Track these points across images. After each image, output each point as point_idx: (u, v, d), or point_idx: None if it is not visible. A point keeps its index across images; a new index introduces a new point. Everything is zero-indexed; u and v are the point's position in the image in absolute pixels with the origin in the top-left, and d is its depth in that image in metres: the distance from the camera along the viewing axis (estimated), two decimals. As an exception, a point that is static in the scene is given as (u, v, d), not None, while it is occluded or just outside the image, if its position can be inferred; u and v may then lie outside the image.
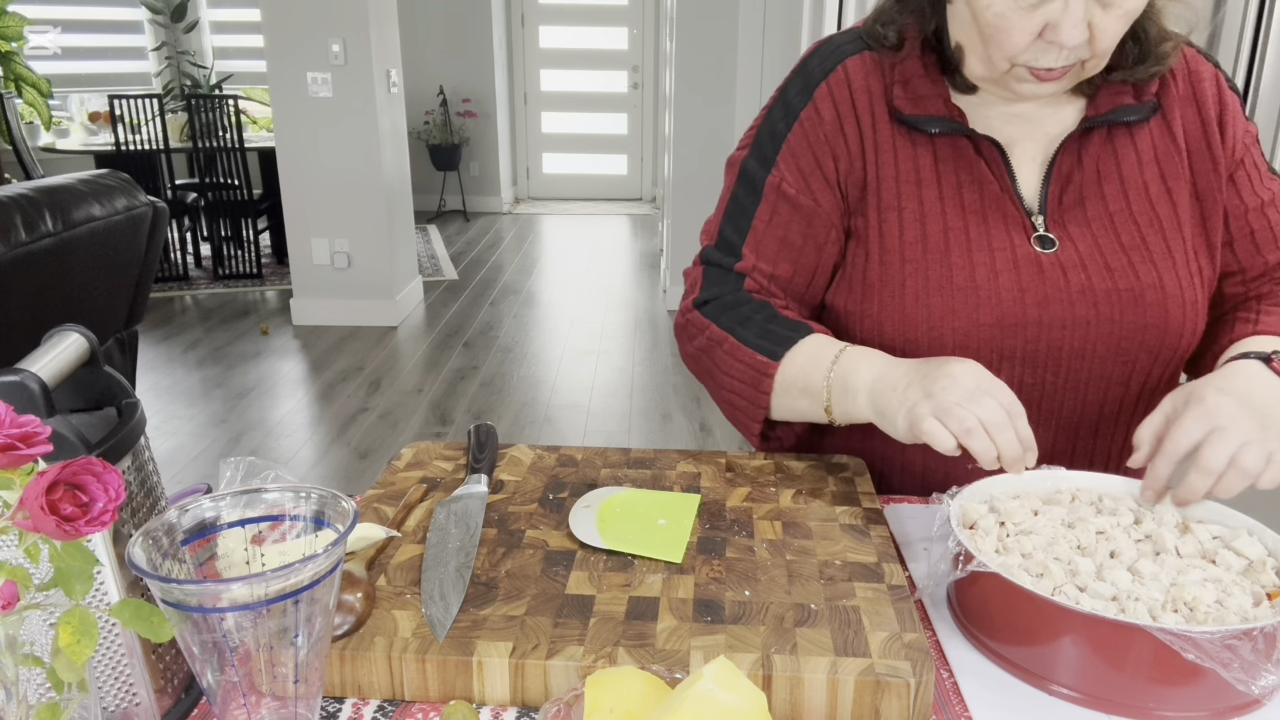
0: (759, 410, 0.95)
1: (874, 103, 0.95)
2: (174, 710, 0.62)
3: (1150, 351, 0.92)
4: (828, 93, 0.95)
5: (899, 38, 0.94)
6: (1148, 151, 0.94)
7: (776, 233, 0.97)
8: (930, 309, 0.91)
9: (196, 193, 5.48)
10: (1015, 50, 0.83)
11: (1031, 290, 0.90)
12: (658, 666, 0.62)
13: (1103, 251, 0.91)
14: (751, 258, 0.98)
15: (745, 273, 0.98)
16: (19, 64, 5.91)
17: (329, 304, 4.82)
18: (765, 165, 0.98)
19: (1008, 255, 0.91)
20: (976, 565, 0.68)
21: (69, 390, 0.61)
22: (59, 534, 0.44)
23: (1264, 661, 0.60)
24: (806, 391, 0.91)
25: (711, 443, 3.47)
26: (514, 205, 8.42)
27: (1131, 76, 0.92)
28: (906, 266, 0.93)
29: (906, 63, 0.94)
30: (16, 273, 1.78)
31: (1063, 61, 0.83)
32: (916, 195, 0.93)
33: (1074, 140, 0.93)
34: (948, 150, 0.94)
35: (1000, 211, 0.93)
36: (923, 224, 0.93)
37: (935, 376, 0.80)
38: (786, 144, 0.97)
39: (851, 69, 0.95)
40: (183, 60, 7.14)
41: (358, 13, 4.36)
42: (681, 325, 1.02)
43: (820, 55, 0.98)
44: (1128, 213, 0.92)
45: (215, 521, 0.56)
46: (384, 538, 0.78)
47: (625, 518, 0.82)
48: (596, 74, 8.23)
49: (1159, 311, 0.91)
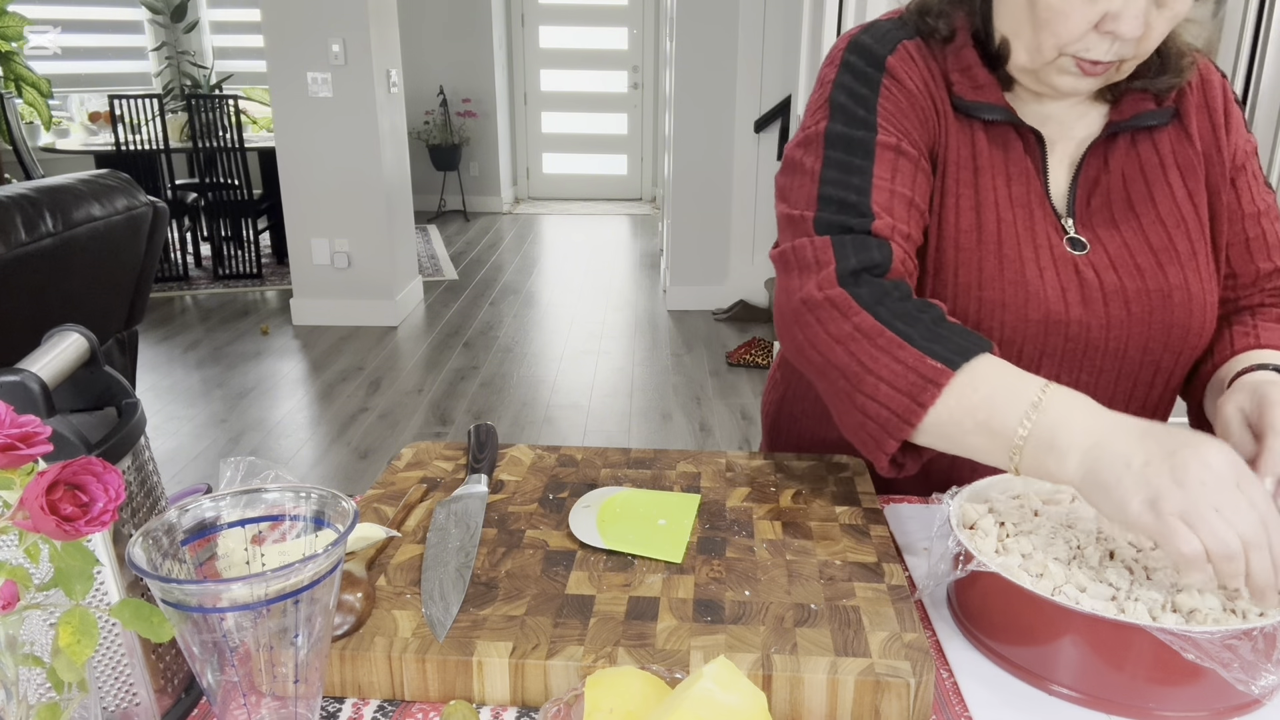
0: (906, 427, 0.78)
1: (935, 85, 0.93)
2: (174, 710, 0.62)
3: (1174, 352, 0.93)
4: (899, 64, 0.92)
5: (950, 29, 0.94)
6: (1169, 156, 0.95)
7: (902, 191, 0.88)
8: (981, 301, 0.90)
9: (196, 193, 5.48)
10: (1070, 38, 0.83)
11: (1072, 290, 0.91)
12: (658, 666, 0.62)
13: (1132, 253, 0.92)
14: (887, 217, 0.86)
15: (887, 236, 0.85)
16: (19, 64, 5.91)
17: (329, 304, 4.82)
18: (866, 127, 0.90)
19: (1049, 253, 0.91)
20: (976, 565, 0.68)
21: (69, 390, 0.61)
22: (59, 534, 0.44)
23: (1264, 661, 0.60)
24: (987, 428, 0.74)
25: (711, 443, 3.47)
26: (514, 205, 8.41)
27: (1152, 86, 0.93)
28: (960, 255, 0.92)
29: (963, 51, 0.93)
30: (16, 273, 1.78)
31: (1112, 56, 0.83)
32: (973, 182, 0.93)
33: (1100, 145, 0.95)
34: (999, 141, 0.94)
35: (1042, 209, 0.93)
36: (978, 212, 0.92)
37: (1186, 460, 0.64)
38: (880, 107, 0.90)
39: (911, 50, 0.94)
40: (183, 60, 7.14)
41: (358, 13, 4.36)
42: (817, 303, 0.84)
43: (872, 35, 0.95)
44: (1154, 215, 0.94)
45: (215, 521, 0.56)
46: (384, 538, 0.78)
47: (625, 518, 0.82)
48: (596, 74, 8.23)
49: (1184, 313, 0.92)
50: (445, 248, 6.73)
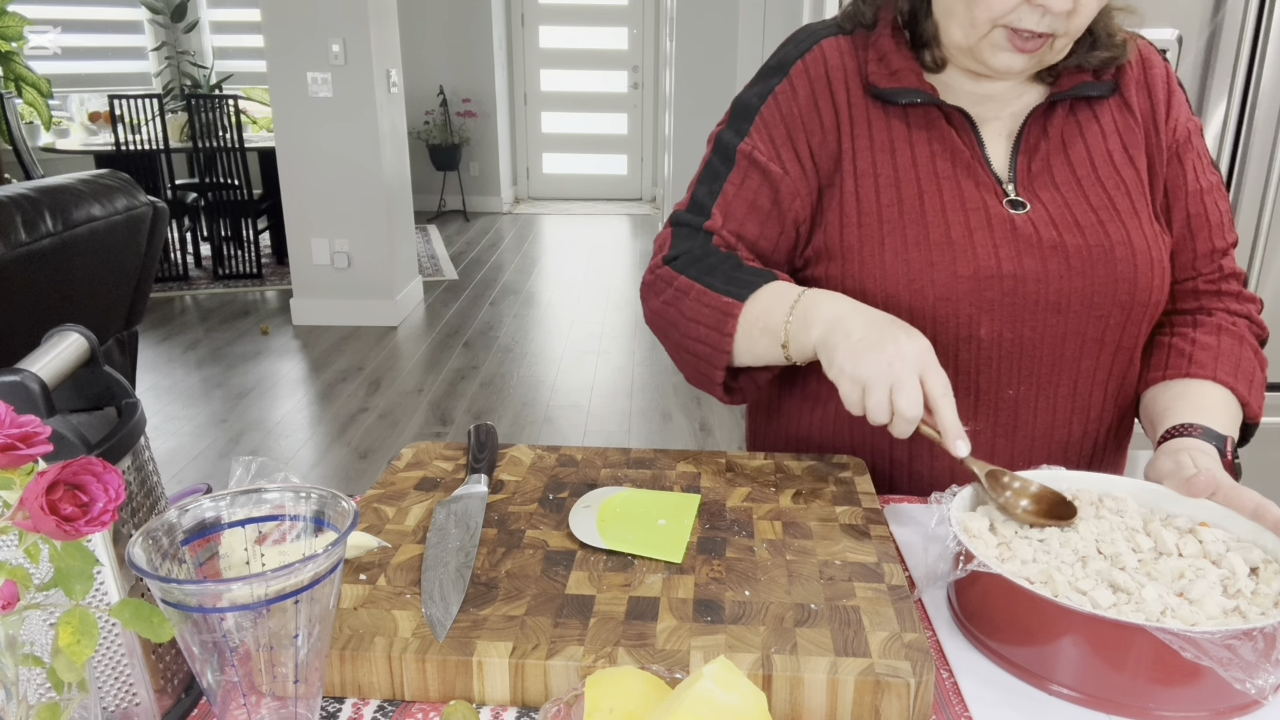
0: (722, 355, 0.94)
1: (849, 79, 0.99)
2: (174, 710, 0.62)
3: (1123, 307, 0.95)
4: (803, 69, 1.00)
5: (874, 16, 1.00)
6: (1109, 124, 0.99)
7: (746, 196, 1.00)
8: (910, 264, 0.94)
9: (196, 193, 5.48)
10: (1001, 10, 0.87)
11: (1005, 245, 0.94)
12: (658, 666, 0.62)
13: (1072, 211, 0.95)
14: (720, 217, 1.00)
15: (714, 230, 1.00)
16: (19, 64, 5.90)
17: (329, 304, 4.82)
18: (739, 134, 1.01)
19: (981, 214, 0.95)
20: (976, 565, 0.68)
21: (69, 390, 0.61)
22: (59, 534, 0.44)
23: (1264, 661, 0.60)
24: (767, 330, 0.91)
25: (711, 443, 3.47)
26: (514, 205, 8.42)
27: (1087, 62, 0.97)
28: (884, 227, 0.96)
29: (880, 40, 0.99)
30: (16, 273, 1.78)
31: (1043, 28, 0.87)
32: (891, 162, 0.97)
33: (1040, 114, 0.98)
34: (920, 122, 0.98)
35: (972, 178, 0.96)
36: (898, 188, 0.96)
37: (886, 340, 0.82)
38: (760, 116, 1.00)
39: (827, 49, 1.00)
40: (183, 60, 7.14)
41: (358, 13, 4.36)
42: (649, 283, 1.02)
43: (796, 39, 1.03)
44: (1094, 177, 0.97)
45: (215, 521, 0.56)
46: (375, 547, 0.77)
47: (625, 518, 0.82)
48: (596, 74, 8.23)
49: (1128, 267, 0.94)
50: (445, 248, 6.73)
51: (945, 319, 0.94)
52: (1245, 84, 1.75)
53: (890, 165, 0.97)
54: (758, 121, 1.00)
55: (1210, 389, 0.95)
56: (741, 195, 1.00)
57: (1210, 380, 0.95)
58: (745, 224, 1.00)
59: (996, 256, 0.93)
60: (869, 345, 0.82)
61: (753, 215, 1.00)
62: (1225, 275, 1.02)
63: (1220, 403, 0.94)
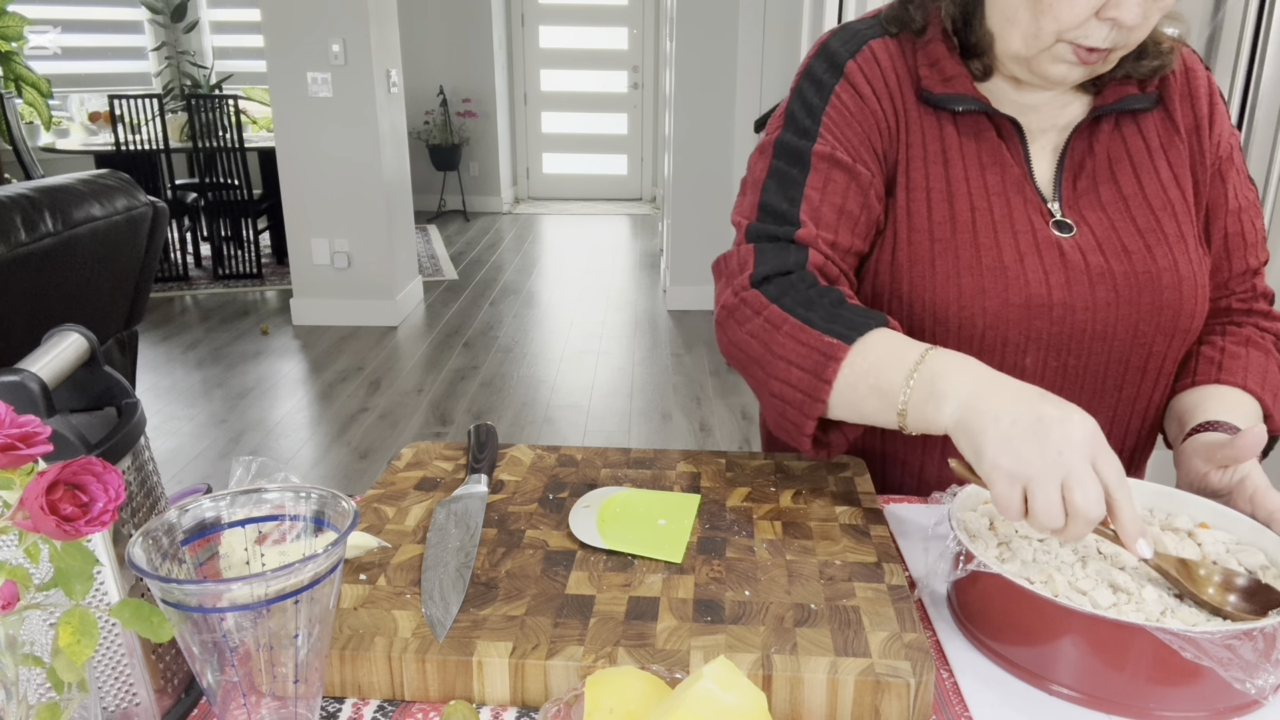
0: (816, 404, 0.83)
1: (901, 83, 0.95)
2: (174, 710, 0.62)
3: (1165, 334, 0.93)
4: (858, 69, 0.95)
5: (924, 21, 0.95)
6: (1154, 139, 0.96)
7: (834, 200, 0.92)
8: (961, 289, 0.91)
9: (196, 193, 5.48)
10: (1071, 24, 0.83)
11: (1055, 272, 0.91)
12: (658, 666, 0.62)
13: (1119, 235, 0.93)
14: (812, 226, 0.90)
15: (808, 243, 0.90)
16: (19, 64, 5.90)
17: (329, 304, 4.82)
18: (808, 137, 0.94)
19: (1030, 238, 0.92)
20: (976, 565, 0.68)
21: (69, 390, 0.61)
22: (59, 534, 0.44)
23: (1264, 661, 0.60)
24: (879, 390, 0.80)
25: (711, 443, 3.47)
26: (514, 205, 8.41)
27: (1135, 71, 0.94)
28: (936, 246, 0.92)
29: (931, 45, 0.95)
30: (16, 273, 1.78)
31: (1108, 43, 0.84)
32: (944, 175, 0.94)
33: (1085, 129, 0.95)
34: (970, 131, 0.95)
35: (1020, 194, 0.93)
36: (950, 203, 0.93)
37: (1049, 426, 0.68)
38: (826, 116, 0.94)
39: (877, 50, 0.96)
40: (183, 60, 7.14)
41: (358, 13, 4.36)
42: (733, 306, 0.90)
43: (841, 38, 0.98)
44: (1141, 196, 0.94)
45: (215, 521, 0.56)
46: (375, 547, 0.77)
47: (625, 518, 0.82)
48: (596, 74, 8.23)
49: (1174, 294, 0.92)
50: (445, 248, 6.73)
51: (993, 347, 0.91)
52: (1245, 84, 1.75)
53: (943, 178, 0.93)
54: (825, 122, 0.94)
55: (1238, 395, 0.93)
56: (828, 199, 0.91)
57: (1239, 388, 0.94)
58: (839, 231, 0.91)
59: (1047, 284, 0.90)
60: (1027, 433, 0.68)
61: (844, 221, 0.92)
62: (1258, 295, 1.01)
63: (1249, 409, 0.92)
